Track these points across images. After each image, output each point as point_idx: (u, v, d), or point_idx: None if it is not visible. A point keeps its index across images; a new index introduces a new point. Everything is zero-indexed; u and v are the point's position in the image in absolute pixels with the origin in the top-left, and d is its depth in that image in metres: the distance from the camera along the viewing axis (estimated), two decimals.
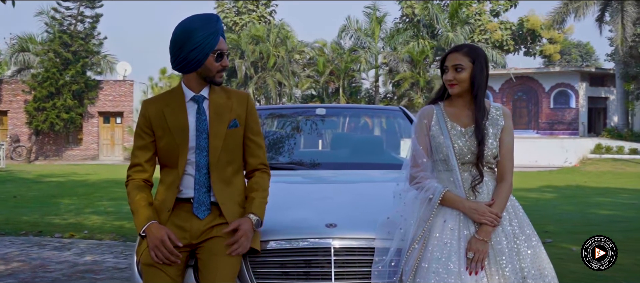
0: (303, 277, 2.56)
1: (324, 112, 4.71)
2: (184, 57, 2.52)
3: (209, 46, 2.51)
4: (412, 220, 2.61)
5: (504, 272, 2.48)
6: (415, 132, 2.72)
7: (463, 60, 2.61)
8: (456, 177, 2.59)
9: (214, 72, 2.57)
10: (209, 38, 2.51)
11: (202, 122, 2.57)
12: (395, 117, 4.75)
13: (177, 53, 2.54)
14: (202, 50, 2.50)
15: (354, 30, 37.39)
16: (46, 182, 17.82)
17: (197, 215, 2.54)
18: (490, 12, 41.36)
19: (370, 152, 4.58)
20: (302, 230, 2.66)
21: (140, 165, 2.61)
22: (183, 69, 2.57)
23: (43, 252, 6.77)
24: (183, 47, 2.51)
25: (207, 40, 2.50)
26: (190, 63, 2.53)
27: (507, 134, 2.64)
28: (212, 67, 2.56)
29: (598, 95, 35.11)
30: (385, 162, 4.35)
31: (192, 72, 2.58)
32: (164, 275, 2.43)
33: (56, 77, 30.48)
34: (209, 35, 2.50)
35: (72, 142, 32.65)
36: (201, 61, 2.53)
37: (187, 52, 2.51)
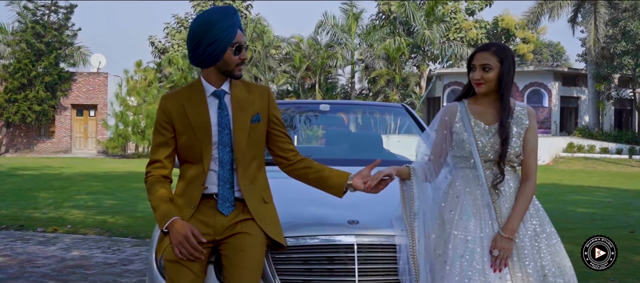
0: (326, 273, 2.55)
1: (327, 108, 4.70)
2: (202, 51, 2.48)
3: (227, 39, 2.47)
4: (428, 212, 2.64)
5: (526, 269, 2.51)
6: (436, 127, 2.73)
7: (491, 60, 2.61)
8: (480, 174, 2.60)
9: (233, 65, 2.53)
10: (227, 31, 2.46)
11: (224, 117, 2.53)
12: (397, 114, 4.76)
13: (195, 47, 2.50)
14: (221, 44, 2.46)
15: (330, 26, 37.41)
16: (20, 175, 17.48)
17: (221, 211, 2.50)
18: (466, 10, 41.72)
19: (370, 148, 4.58)
20: (325, 227, 2.65)
21: (160, 162, 2.56)
22: (202, 63, 2.53)
23: (28, 246, 6.64)
24: (201, 41, 2.47)
25: (225, 33, 2.46)
26: (208, 57, 2.49)
27: (531, 133, 2.65)
28: (231, 61, 2.52)
29: (570, 95, 35.69)
30: (384, 159, 4.35)
31: (210, 66, 2.54)
32: (188, 271, 2.39)
33: (28, 68, 29.89)
34: (226, 28, 2.46)
35: (44, 135, 32.07)
36: (220, 55, 2.49)
37: (205, 46, 2.47)
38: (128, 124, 29.02)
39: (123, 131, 29.07)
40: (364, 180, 2.60)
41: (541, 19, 33.20)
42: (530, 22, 33.81)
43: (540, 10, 32.35)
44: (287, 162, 2.71)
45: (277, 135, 2.68)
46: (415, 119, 4.35)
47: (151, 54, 43.67)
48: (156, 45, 44.80)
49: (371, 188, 2.60)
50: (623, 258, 6.44)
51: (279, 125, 2.69)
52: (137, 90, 29.43)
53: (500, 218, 2.56)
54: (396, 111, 4.80)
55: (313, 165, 2.69)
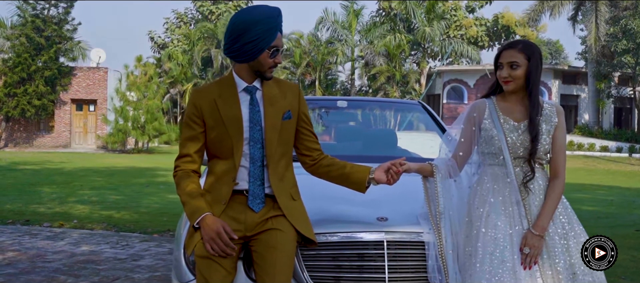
0: (356, 270, 2.55)
1: (345, 105, 4.69)
2: (239, 48, 2.46)
3: (265, 41, 2.45)
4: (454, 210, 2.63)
5: (556, 267, 2.50)
6: (463, 122, 2.72)
7: (518, 58, 2.60)
8: (510, 171, 2.59)
9: (266, 67, 2.51)
10: (268, 33, 2.44)
11: (256, 114, 2.52)
12: (415, 111, 4.74)
13: (233, 42, 2.47)
14: (258, 45, 2.44)
15: (331, 22, 37.39)
16: (21, 169, 17.45)
17: (252, 208, 2.49)
18: (466, 8, 41.72)
19: (383, 145, 4.57)
20: (354, 224, 2.65)
21: (190, 156, 2.54)
22: (236, 58, 2.51)
23: (36, 241, 6.62)
24: (239, 38, 2.45)
25: (265, 35, 2.44)
26: (244, 54, 2.47)
27: (560, 131, 2.64)
28: (265, 62, 2.49)
29: (570, 93, 35.73)
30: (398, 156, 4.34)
31: (244, 63, 2.52)
32: (219, 267, 2.38)
33: (28, 62, 29.80)
34: (267, 30, 2.44)
35: (44, 130, 31.98)
36: (255, 55, 2.46)
37: (242, 43, 2.44)
38: (128, 119, 28.95)
39: (123, 126, 29.00)
40: (386, 172, 2.59)
41: (542, 17, 33.21)
42: (531, 20, 33.83)
43: (541, 9, 32.37)
44: (311, 161, 2.70)
45: (305, 133, 2.67)
46: (433, 116, 4.34)
47: (150, 49, 43.64)
48: (155, 41, 44.75)
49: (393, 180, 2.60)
50: (632, 257, 6.46)
51: (308, 123, 2.69)
52: (137, 85, 29.35)
53: (530, 215, 2.56)
54: (413, 108, 4.79)
55: (336, 163, 2.68)
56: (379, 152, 4.33)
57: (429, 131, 4.35)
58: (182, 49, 39.95)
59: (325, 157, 2.71)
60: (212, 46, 38.16)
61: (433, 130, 4.26)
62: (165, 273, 5.27)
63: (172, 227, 7.73)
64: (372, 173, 2.61)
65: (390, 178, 2.58)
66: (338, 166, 2.67)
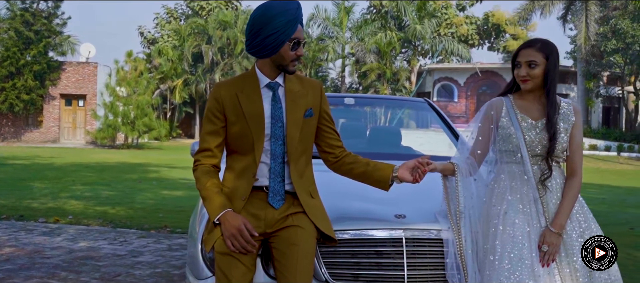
0: (374, 267, 2.54)
1: (352, 102, 4.67)
2: (260, 42, 2.44)
3: (286, 34, 2.43)
4: (474, 209, 2.63)
5: (574, 264, 2.51)
6: (481, 120, 2.71)
7: (537, 56, 2.60)
8: (527, 169, 2.59)
9: (288, 60, 2.49)
10: (288, 25, 2.42)
11: (278, 110, 2.50)
12: (421, 109, 4.74)
13: (253, 37, 2.46)
14: (279, 37, 2.42)
15: (322, 19, 37.35)
16: (10, 164, 17.30)
17: (272, 204, 2.47)
18: (457, 6, 41.84)
19: (387, 143, 4.56)
20: (372, 221, 2.64)
21: (210, 151, 2.52)
22: (257, 53, 2.49)
23: (33, 237, 6.56)
24: (260, 32, 2.43)
25: (286, 28, 2.42)
26: (265, 48, 2.45)
27: (577, 130, 2.65)
28: (286, 55, 2.48)
29: (559, 92, 35.29)
30: (402, 154, 4.33)
31: (266, 57, 2.51)
32: (239, 263, 2.36)
33: (17, 56, 29.58)
34: (288, 22, 2.42)
35: (32, 124, 31.76)
36: (277, 48, 2.45)
37: (263, 37, 2.43)
38: (118, 114, 28.79)
39: (112, 122, 28.84)
40: (411, 172, 2.57)
41: (532, 16, 33.39)
42: (521, 19, 33.99)
43: (532, 8, 32.53)
44: (334, 158, 2.68)
45: (327, 131, 2.66)
46: (439, 113, 4.34)
47: (140, 45, 43.36)
48: (145, 36, 44.50)
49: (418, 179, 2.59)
50: (627, 255, 6.51)
51: (330, 121, 2.67)
52: (127, 80, 29.19)
53: (548, 213, 2.57)
54: (419, 106, 4.78)
55: (359, 160, 2.67)
56: (383, 150, 4.32)
57: (437, 128, 4.35)
58: (172, 44, 39.76)
59: (348, 155, 2.69)
60: (202, 42, 37.99)
61: (440, 127, 4.26)
62: (166, 270, 5.24)
63: (168, 223, 7.69)
64: (396, 171, 2.59)
65: (418, 177, 2.57)
66: (361, 164, 2.65)
